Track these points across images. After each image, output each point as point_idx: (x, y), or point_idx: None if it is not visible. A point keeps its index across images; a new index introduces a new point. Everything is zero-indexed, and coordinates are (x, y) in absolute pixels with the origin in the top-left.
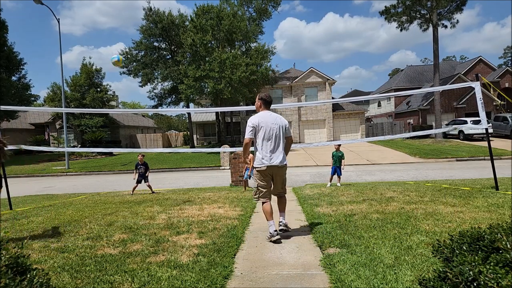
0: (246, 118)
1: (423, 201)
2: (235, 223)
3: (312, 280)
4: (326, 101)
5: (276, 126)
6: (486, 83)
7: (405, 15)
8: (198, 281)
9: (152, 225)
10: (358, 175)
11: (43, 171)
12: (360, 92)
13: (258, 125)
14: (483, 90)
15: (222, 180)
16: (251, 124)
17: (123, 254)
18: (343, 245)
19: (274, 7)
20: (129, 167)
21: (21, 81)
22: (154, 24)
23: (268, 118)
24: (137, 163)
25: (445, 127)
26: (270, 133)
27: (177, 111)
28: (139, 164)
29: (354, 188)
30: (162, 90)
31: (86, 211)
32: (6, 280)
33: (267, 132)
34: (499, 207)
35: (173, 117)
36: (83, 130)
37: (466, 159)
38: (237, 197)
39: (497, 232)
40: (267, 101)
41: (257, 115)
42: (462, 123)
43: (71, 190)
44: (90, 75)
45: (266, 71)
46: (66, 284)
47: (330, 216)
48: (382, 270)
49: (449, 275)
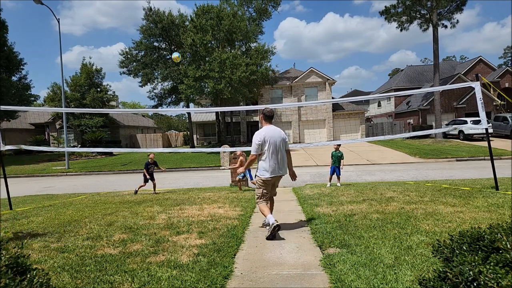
0: (246, 118)
1: (423, 201)
2: (235, 223)
3: (312, 280)
4: (326, 101)
5: (279, 139)
6: (486, 83)
7: (405, 15)
8: (198, 281)
9: (152, 225)
10: (358, 175)
11: (43, 171)
12: (360, 92)
13: (264, 140)
14: (483, 90)
15: (222, 180)
16: (258, 141)
17: (123, 254)
18: (343, 245)
19: (274, 7)
20: (129, 167)
21: (21, 82)
22: (154, 24)
23: (273, 132)
24: (148, 162)
25: (445, 127)
26: (276, 146)
27: (177, 111)
28: (149, 163)
29: (354, 188)
30: (162, 90)
31: (86, 211)
32: (6, 280)
33: (272, 145)
34: (499, 207)
35: (173, 117)
36: (83, 130)
37: (466, 159)
38: (237, 197)
39: (497, 232)
40: (267, 115)
41: (262, 130)
42: (462, 123)
43: (71, 190)
44: (90, 75)
45: (266, 71)
46: (66, 284)
47: (330, 216)
48: (382, 270)
49: (449, 275)
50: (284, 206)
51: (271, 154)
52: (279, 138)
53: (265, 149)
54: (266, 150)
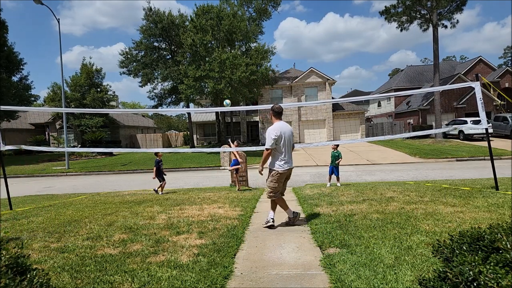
0: (246, 118)
1: (423, 201)
2: (235, 223)
3: (312, 280)
4: (326, 101)
5: (290, 134)
6: (486, 83)
7: (405, 15)
8: (198, 281)
9: (152, 225)
10: (358, 175)
11: (43, 171)
12: (360, 92)
13: (280, 135)
14: (483, 90)
15: (222, 180)
16: (274, 136)
17: (123, 254)
18: (343, 245)
19: (274, 7)
20: (129, 167)
21: (22, 82)
22: (154, 24)
23: (285, 127)
24: (158, 160)
25: (445, 127)
26: (289, 141)
27: (177, 111)
28: (160, 161)
29: (354, 188)
30: (162, 90)
31: (86, 211)
32: (6, 280)
33: (286, 140)
34: (499, 207)
35: (173, 117)
36: (83, 130)
37: (466, 159)
38: (237, 197)
39: (497, 232)
40: (276, 112)
41: (276, 125)
42: (462, 123)
43: (71, 190)
44: (90, 75)
45: (266, 71)
46: (66, 284)
47: (330, 216)
48: (382, 270)
49: (449, 275)
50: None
51: (286, 148)
52: (290, 133)
53: (280, 143)
54: (282, 144)
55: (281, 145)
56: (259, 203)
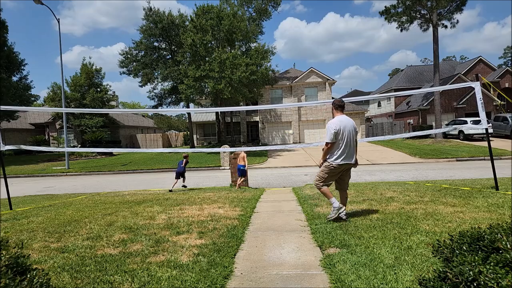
0: (246, 118)
1: (423, 201)
2: (235, 223)
3: (312, 280)
4: (326, 101)
5: (352, 129)
6: (486, 83)
7: (405, 15)
8: (198, 281)
9: (152, 225)
10: (358, 175)
11: (43, 171)
12: (360, 92)
13: (340, 129)
14: (483, 90)
15: (222, 180)
16: (334, 129)
17: (123, 254)
18: (343, 245)
19: (274, 7)
20: (129, 167)
21: (22, 82)
22: (154, 24)
23: (346, 121)
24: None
25: (445, 127)
26: (349, 136)
27: (177, 111)
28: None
29: (354, 188)
30: (162, 90)
31: (86, 211)
32: (6, 280)
33: (346, 135)
34: (499, 207)
35: (173, 117)
36: (83, 130)
37: (466, 159)
38: (237, 197)
39: (497, 232)
40: (338, 105)
41: (336, 119)
42: (462, 123)
43: (71, 190)
44: (90, 75)
45: (266, 71)
46: (66, 284)
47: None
48: (382, 270)
49: (449, 275)
50: (284, 206)
51: (345, 143)
52: (352, 127)
53: (339, 138)
54: (340, 139)
55: (339, 139)
56: (259, 203)
